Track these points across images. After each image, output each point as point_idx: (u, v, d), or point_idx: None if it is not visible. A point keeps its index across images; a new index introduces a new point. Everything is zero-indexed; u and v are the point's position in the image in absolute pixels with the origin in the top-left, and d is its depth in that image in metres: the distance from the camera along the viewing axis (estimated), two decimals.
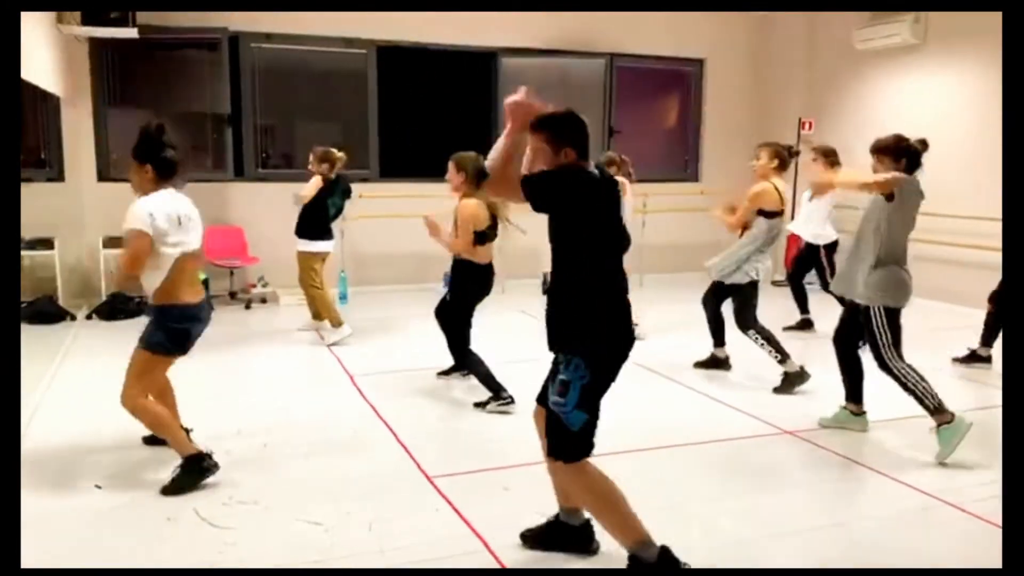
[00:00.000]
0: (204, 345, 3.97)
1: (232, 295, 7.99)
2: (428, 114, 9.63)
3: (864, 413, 4.41)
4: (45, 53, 6.26)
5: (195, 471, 3.53)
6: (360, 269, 8.44)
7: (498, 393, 4.64)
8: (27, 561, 2.65)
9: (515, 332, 6.73)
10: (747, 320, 5.24)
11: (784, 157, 5.30)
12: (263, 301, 7.97)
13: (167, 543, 3.11)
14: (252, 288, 8.08)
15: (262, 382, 5.40)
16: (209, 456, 3.57)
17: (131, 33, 6.90)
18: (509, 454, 4.00)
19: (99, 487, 3.58)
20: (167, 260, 3.50)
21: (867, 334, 4.14)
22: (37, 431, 4.29)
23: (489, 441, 4.28)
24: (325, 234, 6.34)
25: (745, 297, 5.25)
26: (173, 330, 3.57)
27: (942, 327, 6.84)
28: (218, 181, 8.13)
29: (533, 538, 3.06)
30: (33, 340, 6.27)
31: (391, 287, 8.13)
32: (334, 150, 6.33)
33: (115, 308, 7.14)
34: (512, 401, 4.60)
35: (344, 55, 8.45)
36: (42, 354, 5.80)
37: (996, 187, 7.14)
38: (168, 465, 3.61)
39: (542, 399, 2.94)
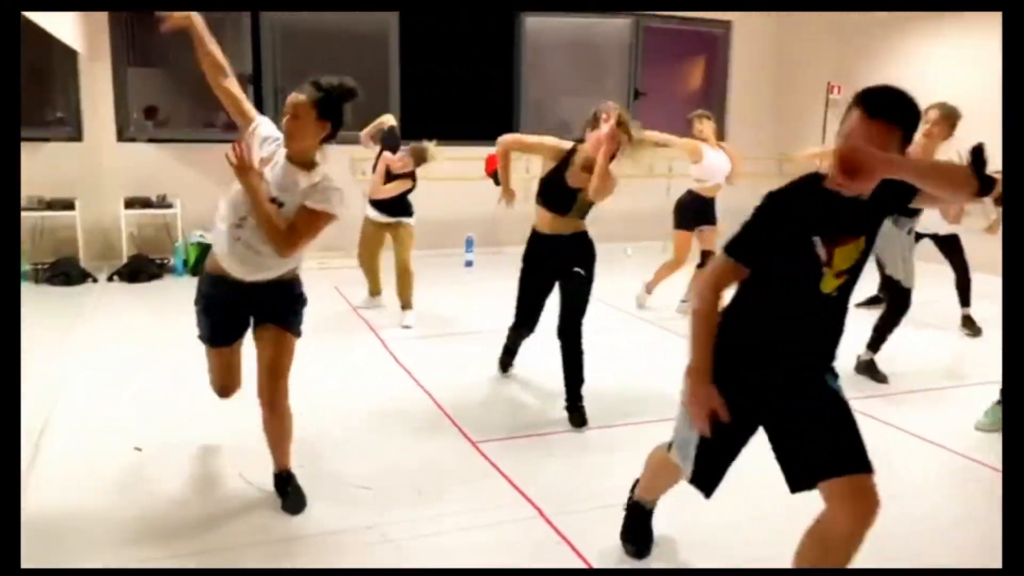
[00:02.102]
0: None
1: None
2: (450, 75, 9.44)
3: None
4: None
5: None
6: None
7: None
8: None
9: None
10: None
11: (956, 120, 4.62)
12: None
13: (220, 506, 3.06)
14: None
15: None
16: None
17: None
18: (549, 418, 3.94)
19: (139, 449, 3.51)
20: None
21: None
22: (68, 399, 4.22)
23: (524, 407, 4.20)
24: None
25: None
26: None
27: None
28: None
29: None
30: (56, 302, 6.22)
31: (416, 253, 8.00)
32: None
33: (137, 270, 7.07)
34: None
35: (367, 16, 8.28)
36: (65, 316, 5.73)
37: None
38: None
39: None
